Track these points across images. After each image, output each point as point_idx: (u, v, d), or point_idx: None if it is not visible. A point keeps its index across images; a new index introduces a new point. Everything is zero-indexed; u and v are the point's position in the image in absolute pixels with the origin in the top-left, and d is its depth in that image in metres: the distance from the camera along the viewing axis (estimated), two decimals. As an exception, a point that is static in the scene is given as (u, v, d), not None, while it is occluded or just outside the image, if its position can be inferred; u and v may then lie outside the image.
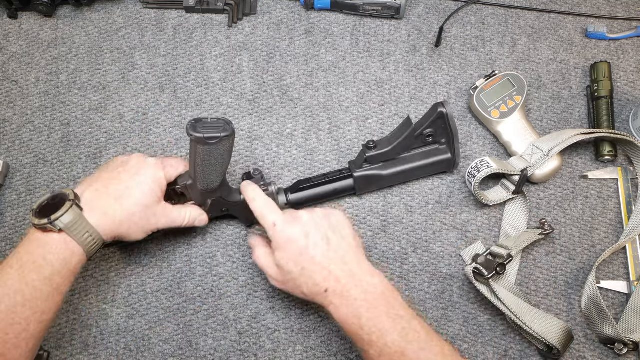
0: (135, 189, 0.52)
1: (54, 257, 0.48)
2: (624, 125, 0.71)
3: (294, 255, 0.51)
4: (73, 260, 0.49)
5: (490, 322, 0.63)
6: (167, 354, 0.62)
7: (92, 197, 0.51)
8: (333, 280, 0.50)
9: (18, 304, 0.46)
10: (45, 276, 0.47)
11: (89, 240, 0.49)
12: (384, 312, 0.48)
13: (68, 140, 0.71)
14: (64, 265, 0.48)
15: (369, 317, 0.48)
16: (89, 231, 0.49)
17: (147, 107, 0.73)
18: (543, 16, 0.77)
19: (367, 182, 0.64)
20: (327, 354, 0.62)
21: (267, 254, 0.55)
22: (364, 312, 0.48)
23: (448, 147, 0.64)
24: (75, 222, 0.48)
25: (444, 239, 0.66)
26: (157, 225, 0.55)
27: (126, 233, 0.53)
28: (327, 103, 0.73)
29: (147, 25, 0.77)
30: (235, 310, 0.63)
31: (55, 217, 0.47)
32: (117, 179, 0.52)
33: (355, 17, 0.77)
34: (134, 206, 0.52)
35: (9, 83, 0.74)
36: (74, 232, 0.48)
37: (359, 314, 0.48)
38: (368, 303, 0.48)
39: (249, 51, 0.76)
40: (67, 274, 0.49)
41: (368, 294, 0.49)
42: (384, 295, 0.49)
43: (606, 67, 0.71)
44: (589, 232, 0.66)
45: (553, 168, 0.66)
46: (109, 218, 0.51)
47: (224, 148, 0.53)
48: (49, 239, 0.48)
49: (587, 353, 0.61)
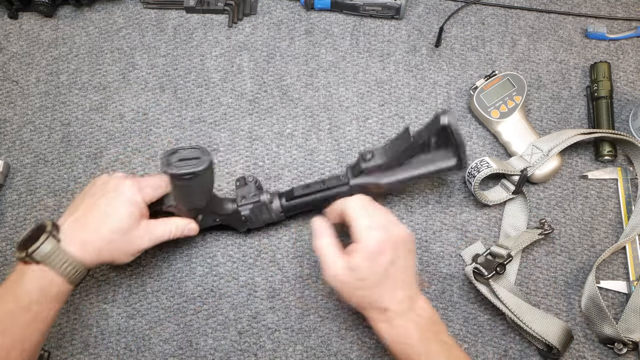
0: (111, 215, 0.51)
1: (32, 286, 0.48)
2: (623, 125, 0.71)
3: (379, 268, 0.50)
4: (52, 289, 0.49)
5: (490, 322, 0.63)
6: (167, 353, 0.62)
7: (70, 227, 0.51)
8: (396, 302, 0.50)
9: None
10: (22, 305, 0.48)
11: (69, 269, 0.49)
12: (432, 337, 0.50)
13: (68, 140, 0.71)
14: (41, 294, 0.48)
15: (419, 340, 0.49)
16: (68, 261, 0.49)
17: (148, 107, 0.73)
18: (543, 16, 0.78)
19: (364, 191, 0.59)
20: (327, 354, 0.62)
21: (335, 248, 0.52)
22: (416, 335, 0.49)
23: (452, 151, 0.56)
24: (52, 253, 0.48)
25: (444, 239, 0.66)
26: (142, 246, 0.54)
27: (109, 259, 0.52)
28: (327, 103, 0.73)
29: (147, 26, 0.77)
30: (235, 310, 0.63)
31: (32, 249, 0.48)
32: (95, 205, 0.52)
33: (355, 17, 0.77)
34: (112, 233, 0.51)
35: (10, 83, 0.74)
36: (51, 263, 0.48)
37: (410, 335, 0.49)
38: (419, 327, 0.50)
39: (249, 51, 0.76)
40: (46, 302, 0.49)
41: (420, 318, 0.50)
42: (431, 319, 0.51)
43: (606, 67, 0.71)
44: (589, 232, 0.66)
45: (553, 168, 0.66)
46: (88, 247, 0.51)
47: (203, 180, 0.50)
48: (28, 270, 0.49)
49: (587, 353, 0.61)
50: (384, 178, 0.57)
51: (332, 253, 0.52)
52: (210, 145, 0.71)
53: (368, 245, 0.50)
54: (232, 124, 0.72)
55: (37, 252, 0.48)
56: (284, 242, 0.66)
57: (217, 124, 0.72)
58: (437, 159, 0.57)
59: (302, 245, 0.66)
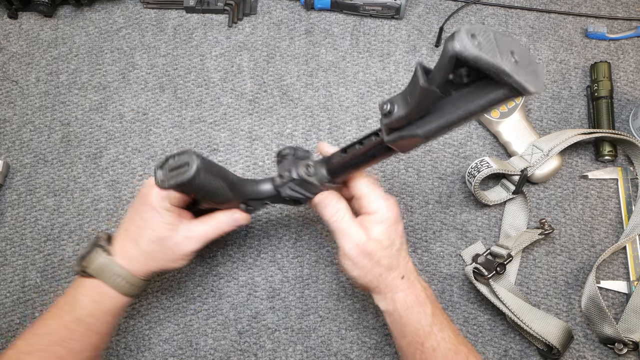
0: (145, 227, 0.51)
1: (86, 299, 0.49)
2: (624, 125, 0.71)
3: (398, 236, 0.50)
4: (105, 302, 0.50)
5: (490, 322, 0.63)
6: (167, 353, 0.62)
7: (120, 240, 0.52)
8: (409, 270, 0.51)
9: (53, 342, 0.48)
10: (77, 317, 0.49)
11: (121, 282, 0.50)
12: (438, 308, 0.51)
13: (68, 140, 0.71)
14: (95, 306, 0.49)
15: (432, 309, 0.49)
16: (120, 274, 0.50)
17: (147, 107, 0.73)
18: (543, 16, 0.77)
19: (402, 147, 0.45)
20: (327, 354, 0.62)
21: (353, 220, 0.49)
22: (429, 303, 0.50)
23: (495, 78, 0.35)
24: (103, 267, 0.49)
25: (444, 239, 0.66)
26: (187, 250, 0.51)
27: (159, 267, 0.52)
28: (327, 103, 0.73)
29: (147, 25, 0.77)
30: (235, 310, 0.63)
31: (85, 264, 0.49)
32: (136, 216, 0.52)
33: (355, 17, 0.77)
34: (150, 244, 0.50)
35: (9, 83, 0.74)
36: (104, 276, 0.49)
37: (425, 303, 0.49)
38: (429, 297, 0.50)
39: (249, 51, 0.76)
40: (101, 315, 0.50)
41: (426, 289, 0.51)
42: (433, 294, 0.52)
43: (606, 67, 0.71)
44: (589, 232, 0.66)
45: (553, 168, 0.66)
46: (134, 260, 0.51)
47: (205, 178, 0.46)
48: (84, 283, 0.50)
49: (587, 353, 0.61)
50: (418, 129, 0.43)
51: (353, 223, 0.49)
52: (210, 145, 0.71)
53: (388, 215, 0.49)
54: (232, 124, 0.72)
55: (90, 266, 0.49)
56: (284, 242, 0.66)
57: (217, 124, 0.72)
58: (479, 91, 0.39)
59: (302, 245, 0.66)
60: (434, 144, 0.70)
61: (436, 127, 0.42)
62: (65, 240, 0.67)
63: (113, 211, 0.68)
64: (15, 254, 0.66)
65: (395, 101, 0.43)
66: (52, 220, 0.67)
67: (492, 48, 0.34)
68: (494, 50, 0.34)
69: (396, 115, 0.42)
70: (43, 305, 0.64)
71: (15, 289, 0.65)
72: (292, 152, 0.52)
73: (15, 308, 0.64)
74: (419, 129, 0.43)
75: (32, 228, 0.67)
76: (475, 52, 0.33)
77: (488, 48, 0.34)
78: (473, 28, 0.34)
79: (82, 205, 0.68)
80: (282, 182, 0.51)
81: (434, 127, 0.42)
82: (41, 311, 0.64)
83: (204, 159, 0.46)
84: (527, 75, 0.35)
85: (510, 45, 0.35)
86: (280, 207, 0.67)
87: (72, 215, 0.68)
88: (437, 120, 0.42)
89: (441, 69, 0.37)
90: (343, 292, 0.64)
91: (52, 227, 0.67)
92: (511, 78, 0.34)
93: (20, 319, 0.64)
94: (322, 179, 0.50)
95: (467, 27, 0.34)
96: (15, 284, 0.65)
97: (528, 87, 0.34)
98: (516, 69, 0.34)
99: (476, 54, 0.33)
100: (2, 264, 0.66)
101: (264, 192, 0.53)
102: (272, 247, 0.66)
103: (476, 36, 0.33)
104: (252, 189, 0.53)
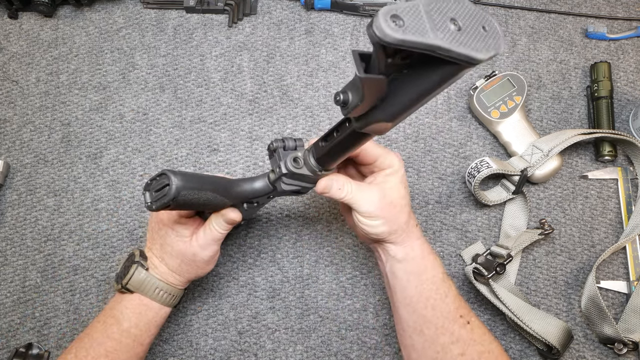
0: (165, 245, 0.52)
1: (130, 312, 0.51)
2: (623, 125, 0.71)
3: (406, 186, 0.51)
4: (148, 313, 0.52)
5: (490, 322, 0.63)
6: (167, 353, 0.62)
7: (154, 255, 0.53)
8: (415, 218, 0.53)
9: (101, 355, 0.49)
10: (123, 329, 0.51)
11: (161, 294, 0.52)
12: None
13: (68, 140, 0.71)
14: (140, 318, 0.52)
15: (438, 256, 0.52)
16: (160, 287, 0.52)
17: (148, 107, 0.73)
18: (543, 16, 0.77)
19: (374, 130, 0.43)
20: (327, 354, 0.62)
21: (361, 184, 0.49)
22: (431, 249, 0.52)
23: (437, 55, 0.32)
24: (142, 283, 0.51)
25: (444, 239, 0.66)
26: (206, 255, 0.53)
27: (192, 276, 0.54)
28: (327, 103, 0.73)
29: (147, 25, 0.77)
30: (235, 310, 0.63)
31: (125, 282, 0.51)
32: (155, 235, 0.54)
33: (355, 17, 0.77)
34: (174, 259, 0.52)
35: (10, 83, 0.74)
36: (144, 291, 0.52)
37: (435, 253, 0.52)
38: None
39: (249, 51, 0.76)
40: (145, 326, 0.52)
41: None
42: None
43: (606, 67, 0.71)
44: (589, 232, 0.66)
45: (553, 168, 0.66)
46: (168, 273, 0.53)
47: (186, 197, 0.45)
48: (124, 297, 0.52)
49: (587, 353, 0.61)
50: (382, 113, 0.40)
51: (364, 186, 0.49)
52: (210, 145, 0.71)
53: (400, 164, 0.51)
54: (232, 124, 0.72)
55: (130, 284, 0.51)
56: (284, 242, 0.66)
57: (217, 124, 0.72)
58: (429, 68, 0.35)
59: (302, 245, 0.66)
60: (433, 144, 0.70)
61: (399, 109, 0.39)
62: (65, 240, 0.67)
63: (113, 211, 0.68)
64: (15, 254, 0.66)
65: (349, 90, 0.40)
66: (52, 220, 0.68)
67: (421, 24, 0.30)
68: (423, 27, 0.30)
69: (352, 104, 0.39)
70: (43, 305, 0.64)
71: (15, 289, 0.65)
72: (281, 144, 0.51)
73: (16, 308, 0.64)
74: (382, 113, 0.40)
75: (32, 228, 0.67)
76: (398, 36, 0.29)
77: (414, 26, 0.30)
78: (394, 7, 0.29)
79: (82, 205, 0.68)
80: (275, 178, 0.50)
81: (396, 109, 0.39)
82: (41, 311, 0.64)
83: (183, 175, 0.45)
84: (475, 40, 0.31)
85: (450, 10, 0.31)
86: (280, 207, 0.67)
87: (72, 215, 0.68)
88: (399, 101, 0.38)
89: (375, 57, 0.34)
90: (343, 292, 0.64)
91: (52, 227, 0.67)
92: (451, 52, 0.30)
93: (20, 319, 0.64)
94: (313, 168, 0.49)
95: (386, 8, 0.29)
96: (16, 284, 0.65)
97: (475, 56, 0.31)
98: (457, 39, 0.30)
99: (399, 37, 0.29)
100: (2, 264, 0.66)
101: (260, 190, 0.52)
102: (272, 247, 0.66)
103: (399, 16, 0.29)
104: (249, 188, 0.52)
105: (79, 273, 0.65)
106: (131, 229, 0.67)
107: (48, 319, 0.64)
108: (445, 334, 0.48)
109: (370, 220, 0.49)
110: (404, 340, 0.52)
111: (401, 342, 0.53)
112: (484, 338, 0.49)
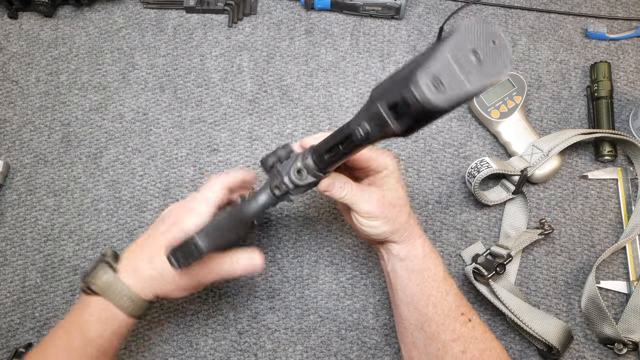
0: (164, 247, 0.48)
1: (95, 319, 0.47)
2: (623, 125, 0.71)
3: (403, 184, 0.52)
4: (114, 322, 0.48)
5: (490, 322, 0.63)
6: (167, 354, 0.62)
7: (127, 257, 0.50)
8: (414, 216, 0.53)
9: None
10: (88, 338, 0.47)
11: (126, 302, 0.48)
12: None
13: (68, 141, 0.71)
14: (105, 327, 0.47)
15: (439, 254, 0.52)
16: (125, 293, 0.47)
17: (147, 107, 0.73)
18: (543, 16, 0.77)
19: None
20: (327, 354, 0.62)
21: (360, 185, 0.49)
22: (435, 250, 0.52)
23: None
24: (109, 284, 0.47)
25: (444, 239, 0.66)
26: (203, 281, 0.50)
27: (162, 293, 0.49)
28: (327, 103, 0.73)
29: (147, 25, 0.77)
30: (235, 310, 0.63)
31: (90, 280, 0.47)
32: (152, 236, 0.50)
33: (355, 17, 0.77)
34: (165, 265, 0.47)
35: (10, 83, 0.74)
36: (109, 294, 0.47)
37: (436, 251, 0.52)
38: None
39: (249, 51, 0.76)
40: (110, 336, 0.48)
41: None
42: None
43: (606, 67, 0.71)
44: (589, 232, 0.66)
45: (553, 168, 0.66)
46: (139, 279, 0.48)
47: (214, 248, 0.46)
48: (90, 302, 0.48)
49: (587, 353, 0.61)
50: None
51: (363, 187, 0.49)
52: (210, 145, 0.71)
53: (395, 166, 0.51)
54: (232, 124, 0.72)
55: (94, 283, 0.47)
56: (284, 242, 0.66)
57: (217, 124, 0.72)
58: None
59: (302, 245, 0.66)
60: (433, 144, 0.70)
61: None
62: (65, 240, 0.67)
63: (113, 211, 0.68)
64: (15, 254, 0.66)
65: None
66: (52, 221, 0.68)
67: (456, 77, 0.29)
68: (458, 78, 0.29)
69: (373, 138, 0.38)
70: (43, 305, 0.64)
71: (15, 289, 0.65)
72: (276, 159, 0.50)
73: (15, 308, 0.64)
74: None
75: (32, 228, 0.67)
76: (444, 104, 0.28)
77: (454, 82, 0.28)
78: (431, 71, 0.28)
79: (82, 205, 0.68)
80: (281, 194, 0.49)
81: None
82: (41, 311, 0.64)
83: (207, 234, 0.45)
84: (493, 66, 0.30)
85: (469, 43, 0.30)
86: (280, 207, 0.67)
87: (72, 215, 0.68)
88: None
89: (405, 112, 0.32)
90: (343, 292, 0.64)
91: (52, 227, 0.67)
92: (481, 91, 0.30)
93: (20, 319, 0.64)
94: (316, 174, 0.48)
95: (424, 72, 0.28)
96: (15, 284, 0.65)
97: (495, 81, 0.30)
98: (480, 72, 0.29)
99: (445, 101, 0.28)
100: (2, 264, 0.66)
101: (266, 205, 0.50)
102: (272, 247, 0.66)
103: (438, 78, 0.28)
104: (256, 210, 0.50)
105: (79, 273, 0.65)
106: (131, 229, 0.67)
107: (48, 319, 0.64)
108: (447, 331, 0.48)
109: (371, 221, 0.49)
110: (405, 338, 0.52)
111: (402, 341, 0.53)
112: (485, 336, 0.50)
